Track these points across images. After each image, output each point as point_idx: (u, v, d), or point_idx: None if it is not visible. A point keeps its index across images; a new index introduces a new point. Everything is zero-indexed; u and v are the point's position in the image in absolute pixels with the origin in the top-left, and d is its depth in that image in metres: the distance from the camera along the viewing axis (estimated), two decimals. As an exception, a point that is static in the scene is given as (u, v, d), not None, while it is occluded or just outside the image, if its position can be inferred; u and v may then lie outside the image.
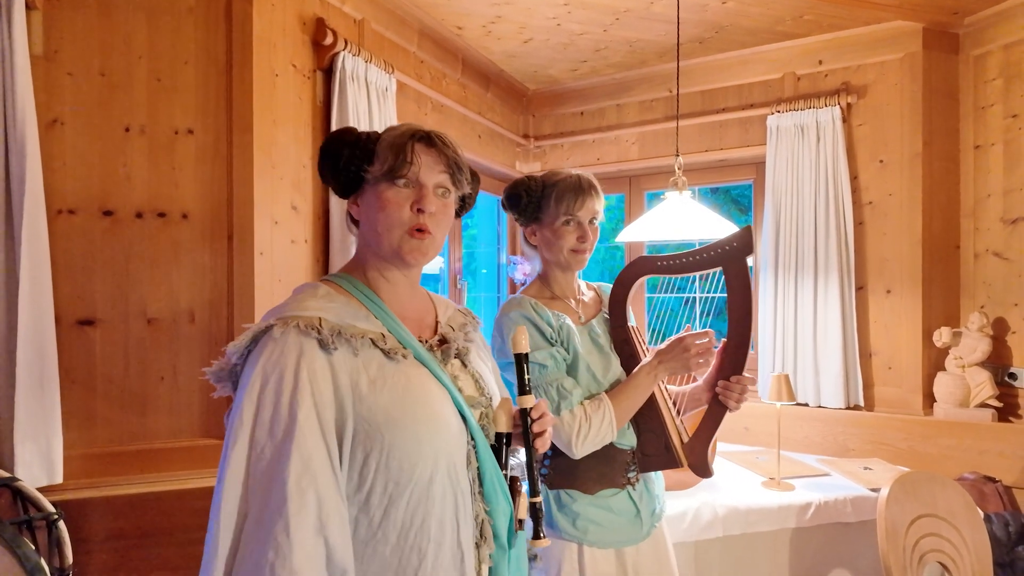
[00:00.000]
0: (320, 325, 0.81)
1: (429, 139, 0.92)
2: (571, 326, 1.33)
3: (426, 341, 0.94)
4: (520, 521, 0.94)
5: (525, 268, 3.34)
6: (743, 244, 1.24)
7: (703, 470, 1.32)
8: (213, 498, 0.75)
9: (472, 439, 0.89)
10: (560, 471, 1.33)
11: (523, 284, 3.40)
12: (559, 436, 1.25)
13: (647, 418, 1.34)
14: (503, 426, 0.93)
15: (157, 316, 1.77)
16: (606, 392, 1.31)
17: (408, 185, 0.90)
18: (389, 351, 0.85)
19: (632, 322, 1.43)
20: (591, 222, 1.36)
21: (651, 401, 1.34)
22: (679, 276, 1.34)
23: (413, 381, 0.85)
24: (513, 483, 0.93)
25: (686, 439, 1.34)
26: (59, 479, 1.59)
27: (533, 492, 0.93)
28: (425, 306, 1.02)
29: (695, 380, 1.42)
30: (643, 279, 1.41)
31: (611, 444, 1.31)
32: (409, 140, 0.90)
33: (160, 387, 1.76)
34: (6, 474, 1.47)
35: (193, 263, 1.80)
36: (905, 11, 2.51)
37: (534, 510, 0.93)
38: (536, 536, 0.93)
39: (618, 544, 1.31)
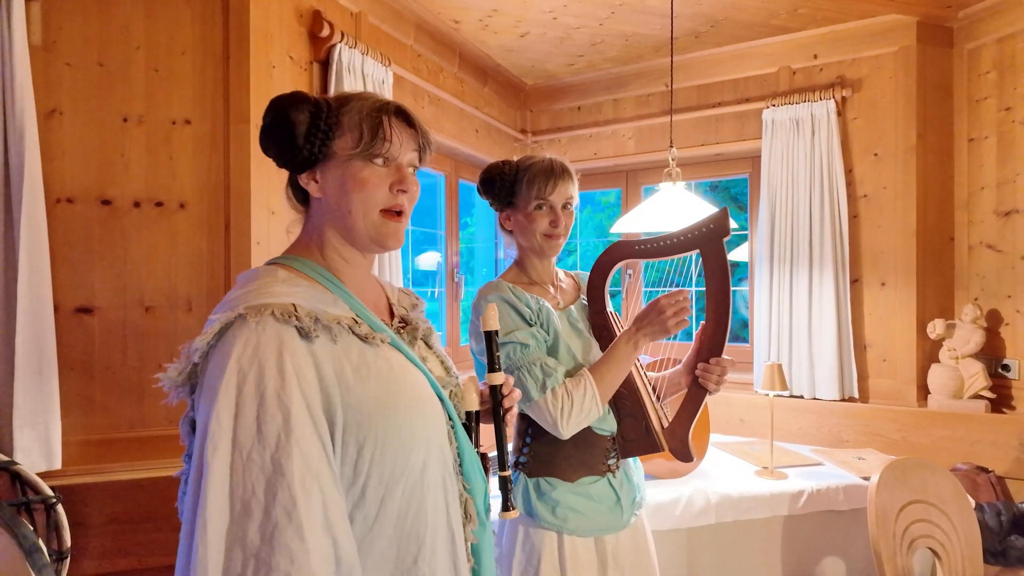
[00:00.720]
0: (296, 311, 0.74)
1: (404, 114, 0.87)
2: (551, 309, 1.32)
3: (390, 324, 0.92)
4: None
5: (522, 262, 3.35)
6: (719, 226, 1.23)
7: (683, 454, 1.30)
8: (187, 512, 0.68)
9: (450, 420, 0.89)
10: (540, 459, 1.32)
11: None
12: (544, 418, 1.24)
13: (627, 403, 1.33)
14: (473, 404, 0.94)
15: (154, 304, 1.78)
16: (587, 368, 1.29)
17: (385, 163, 0.84)
18: (365, 337, 0.81)
19: (611, 308, 1.41)
20: (564, 207, 1.34)
21: (631, 386, 1.33)
22: (657, 260, 1.33)
23: (395, 366, 0.82)
24: (483, 460, 0.95)
25: (667, 423, 1.33)
26: (57, 465, 1.61)
27: (502, 466, 0.96)
28: (376, 288, 0.98)
29: (676, 364, 1.41)
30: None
31: (591, 430, 1.30)
32: (384, 115, 0.84)
33: (157, 374, 1.77)
34: (5, 458, 1.48)
35: (190, 252, 1.81)
36: (899, 5, 2.53)
37: (504, 483, 0.97)
38: (505, 508, 0.96)
39: (598, 532, 1.30)
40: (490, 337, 0.98)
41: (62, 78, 1.70)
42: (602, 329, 1.37)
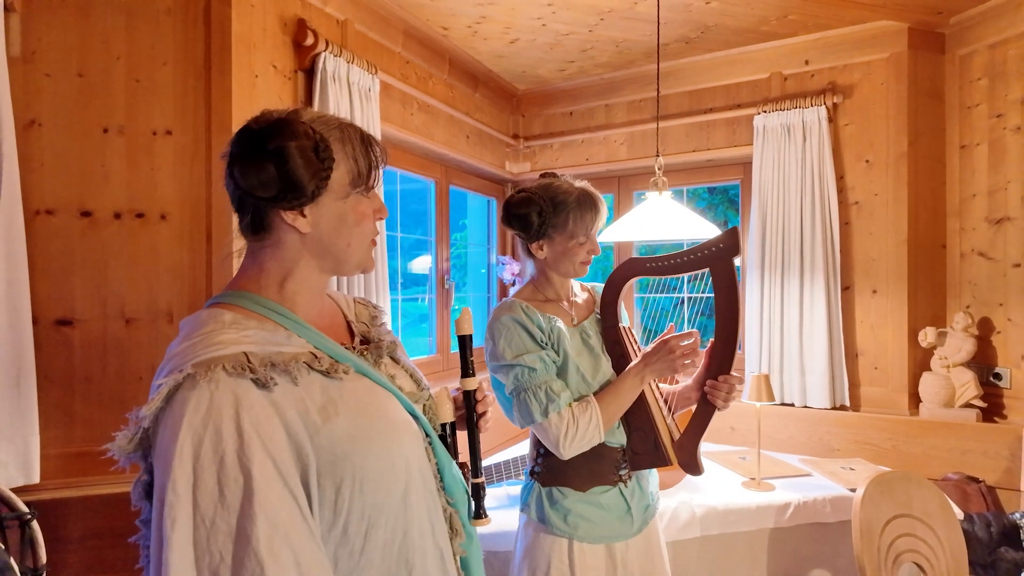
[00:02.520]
0: (249, 361, 0.71)
1: (370, 138, 0.85)
2: (562, 328, 1.35)
3: (352, 347, 0.88)
4: (452, 424, 0.96)
5: (514, 268, 3.35)
6: (730, 245, 1.26)
7: (693, 468, 1.33)
8: None
9: (427, 436, 0.88)
10: (552, 469, 1.36)
11: (512, 284, 3.42)
12: (547, 437, 1.28)
13: (637, 417, 1.36)
14: (448, 415, 0.94)
15: (135, 316, 1.77)
16: (594, 394, 1.33)
17: (369, 194, 0.84)
18: (327, 371, 0.77)
19: (625, 323, 1.45)
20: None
21: (641, 400, 1.36)
22: (668, 277, 1.36)
23: (362, 396, 0.80)
24: (463, 469, 0.95)
25: (676, 437, 1.36)
26: (36, 479, 1.60)
27: (475, 473, 0.96)
28: (331, 308, 0.94)
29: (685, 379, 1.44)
30: (633, 280, 1.44)
31: (602, 443, 1.34)
32: (366, 143, 0.83)
33: (138, 387, 1.77)
34: (-20, 474, 1.47)
35: (172, 264, 1.80)
36: (891, 11, 2.51)
37: (476, 490, 0.95)
38: (477, 516, 0.94)
39: (608, 539, 1.34)
40: (464, 341, 0.98)
41: (41, 89, 1.69)
42: (615, 344, 1.41)
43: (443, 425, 0.94)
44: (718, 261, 1.27)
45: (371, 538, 0.76)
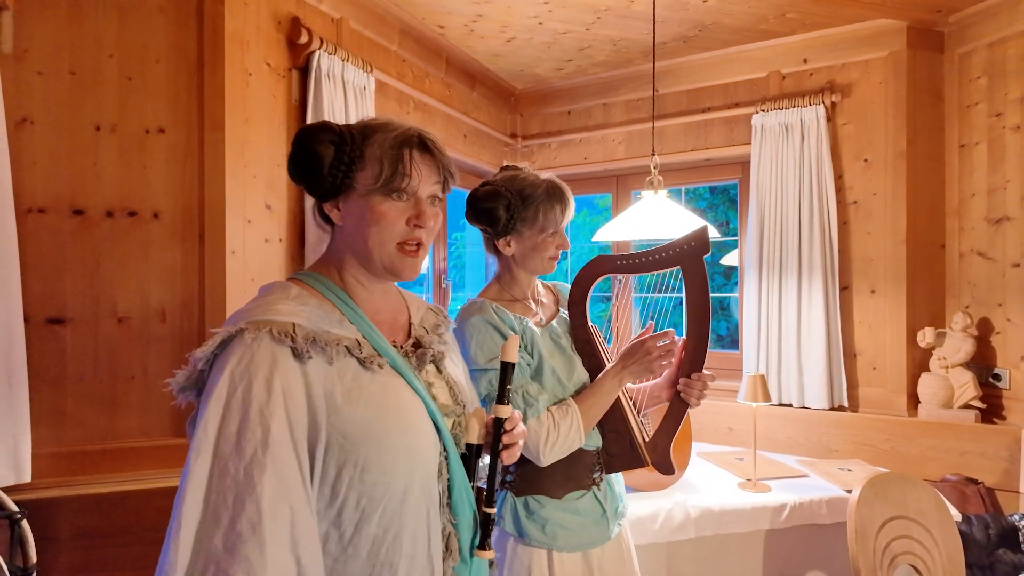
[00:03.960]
0: (294, 331, 0.77)
1: (424, 145, 0.87)
2: (534, 329, 1.32)
3: (400, 346, 0.91)
4: (476, 446, 0.93)
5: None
6: (700, 243, 1.25)
7: (665, 467, 1.32)
8: (172, 511, 0.70)
9: (444, 450, 0.87)
10: (527, 477, 1.32)
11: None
12: (526, 444, 1.23)
13: (611, 418, 1.34)
14: (475, 436, 0.91)
15: (128, 315, 1.77)
16: (572, 397, 1.31)
17: (404, 198, 0.86)
18: (365, 360, 0.82)
19: (591, 322, 1.42)
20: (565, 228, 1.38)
21: (615, 402, 1.34)
22: (637, 275, 1.35)
23: (388, 392, 0.82)
24: (479, 495, 0.91)
25: (648, 437, 1.35)
26: (27, 478, 1.59)
27: (489, 503, 0.92)
28: (398, 305, 0.99)
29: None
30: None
31: None
32: (406, 148, 0.85)
33: (130, 386, 1.76)
34: (-30, 473, 1.47)
35: (164, 262, 1.80)
36: (889, 9, 2.49)
37: (486, 520, 0.91)
38: (481, 547, 0.90)
39: (585, 547, 1.31)
40: (505, 368, 0.94)
41: (33, 87, 1.68)
42: (585, 343, 1.39)
43: (468, 446, 0.92)
44: (688, 259, 1.27)
45: (361, 530, 0.78)
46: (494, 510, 0.92)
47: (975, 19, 2.50)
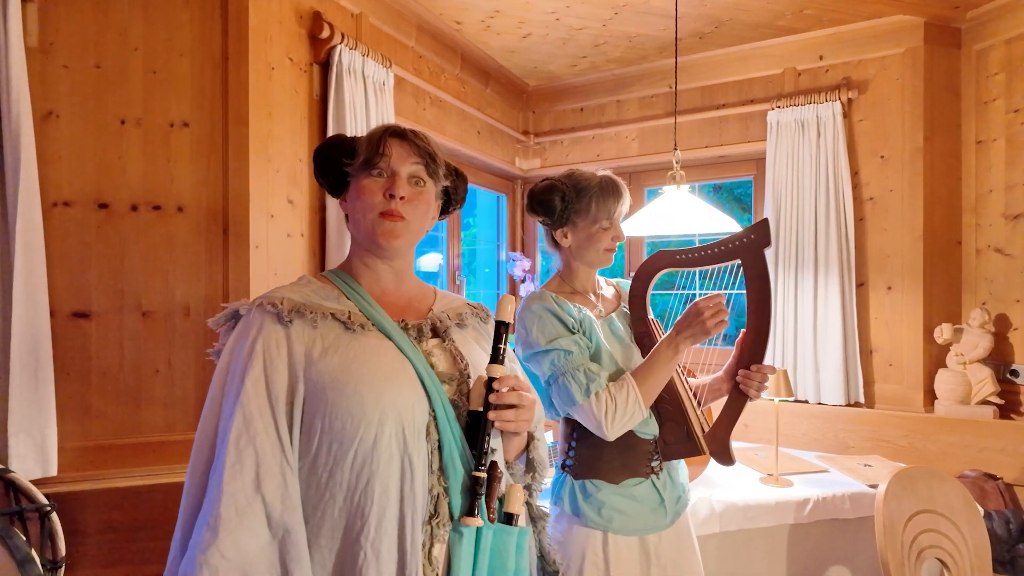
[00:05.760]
0: (281, 303, 0.88)
1: (402, 134, 0.97)
2: (591, 317, 1.36)
3: (404, 321, 0.96)
4: (508, 514, 0.90)
5: (524, 265, 3.33)
6: (761, 236, 1.26)
7: (725, 458, 1.33)
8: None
9: (433, 411, 0.88)
10: (584, 462, 1.36)
11: (522, 280, 3.40)
12: (590, 420, 1.27)
13: (668, 407, 1.36)
14: (475, 404, 0.91)
15: (152, 309, 1.76)
16: (629, 373, 1.32)
17: (382, 174, 0.95)
18: (348, 323, 0.90)
19: (652, 315, 1.45)
20: (620, 221, 1.41)
21: (672, 391, 1.36)
22: (698, 269, 1.35)
23: (368, 349, 0.88)
24: (494, 466, 0.89)
25: (707, 428, 1.36)
26: (53, 471, 1.59)
27: (476, 466, 0.88)
28: (419, 295, 1.04)
29: (716, 371, 1.43)
30: (662, 272, 1.43)
31: (633, 433, 1.33)
32: (383, 134, 0.96)
33: (155, 380, 1.76)
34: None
35: (188, 256, 1.79)
36: (906, 5, 2.50)
37: (474, 484, 0.87)
38: (469, 512, 0.86)
39: (641, 532, 1.34)
40: (499, 328, 0.92)
41: (59, 80, 1.68)
42: (644, 336, 1.41)
43: (471, 412, 0.91)
44: (749, 252, 1.27)
45: (335, 475, 0.83)
46: (484, 474, 0.87)
47: (993, 15, 2.50)
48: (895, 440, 2.54)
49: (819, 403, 2.68)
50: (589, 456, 1.35)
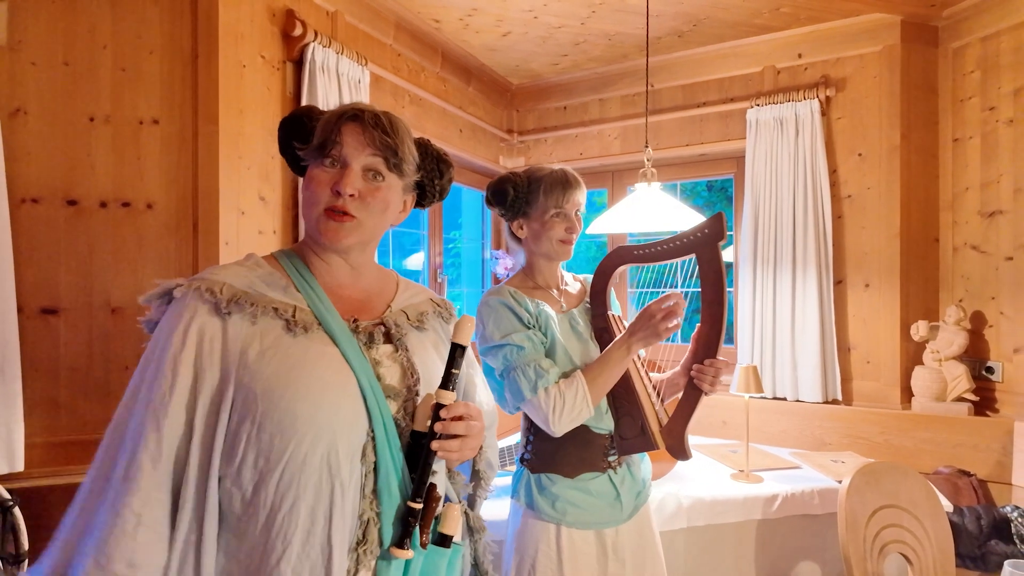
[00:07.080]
0: (220, 291, 0.80)
1: (361, 119, 0.86)
2: (549, 312, 1.37)
3: (355, 321, 0.88)
4: (442, 535, 0.85)
5: (507, 263, 3.34)
6: (715, 231, 1.26)
7: (680, 452, 1.33)
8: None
9: (372, 431, 0.82)
10: (541, 456, 1.37)
11: (505, 278, 3.41)
12: (537, 414, 1.29)
13: (625, 402, 1.37)
14: (419, 424, 0.85)
15: (121, 305, 1.77)
16: (580, 370, 1.33)
17: (334, 164, 0.86)
18: (291, 323, 0.82)
19: (617, 311, 1.46)
20: (576, 213, 1.42)
21: (629, 385, 1.37)
22: (655, 264, 1.37)
23: (309, 356, 0.81)
24: (431, 491, 0.84)
25: (665, 423, 1.36)
26: (20, 467, 1.59)
27: (414, 495, 0.82)
28: (380, 289, 0.96)
29: (674, 367, 1.44)
30: (624, 268, 1.45)
31: (588, 429, 1.35)
32: (339, 118, 0.86)
33: (124, 376, 1.76)
34: (-37, 460, 1.47)
35: (158, 253, 1.80)
36: (883, 4, 2.50)
37: (408, 514, 0.81)
38: (399, 545, 0.80)
39: (597, 525, 1.35)
40: (454, 351, 0.86)
41: (27, 77, 1.69)
42: (603, 332, 1.43)
43: (414, 433, 0.85)
44: (703, 247, 1.28)
45: (259, 492, 0.77)
46: (419, 506, 0.82)
47: (969, 13, 2.51)
48: (871, 437, 2.54)
49: (797, 400, 2.69)
50: (546, 450, 1.36)
